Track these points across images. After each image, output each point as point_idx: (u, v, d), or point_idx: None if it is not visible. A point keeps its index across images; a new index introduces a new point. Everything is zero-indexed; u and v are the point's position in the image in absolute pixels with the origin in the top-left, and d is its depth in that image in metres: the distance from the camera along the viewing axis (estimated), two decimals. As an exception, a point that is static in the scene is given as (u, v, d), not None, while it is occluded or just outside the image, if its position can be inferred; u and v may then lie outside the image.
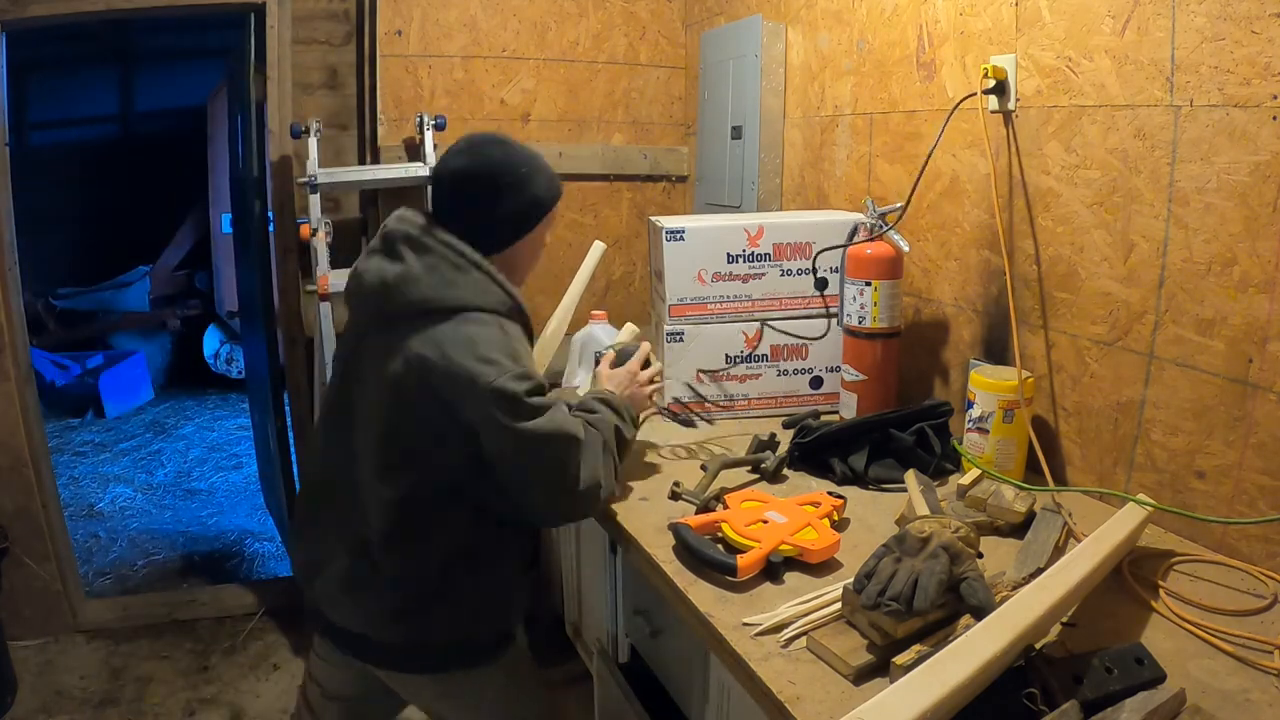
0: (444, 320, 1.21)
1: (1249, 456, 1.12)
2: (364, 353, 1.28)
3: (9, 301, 2.36)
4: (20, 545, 2.45)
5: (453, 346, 1.19)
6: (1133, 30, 1.23)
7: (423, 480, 1.24)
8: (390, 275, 1.24)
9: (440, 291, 1.22)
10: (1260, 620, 0.99)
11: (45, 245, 4.54)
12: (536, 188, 1.31)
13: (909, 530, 0.99)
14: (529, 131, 2.59)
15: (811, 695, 0.88)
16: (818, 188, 2.08)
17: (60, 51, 5.20)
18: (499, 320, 1.24)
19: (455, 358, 1.18)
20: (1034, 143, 1.42)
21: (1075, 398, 1.39)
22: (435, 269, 1.23)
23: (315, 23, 2.44)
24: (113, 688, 2.35)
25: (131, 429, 4.71)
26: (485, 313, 1.23)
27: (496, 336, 1.21)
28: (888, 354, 1.61)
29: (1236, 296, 1.12)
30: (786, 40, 2.14)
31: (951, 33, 1.58)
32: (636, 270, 2.80)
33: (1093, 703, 0.80)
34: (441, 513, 1.25)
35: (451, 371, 1.18)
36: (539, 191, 1.32)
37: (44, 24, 2.32)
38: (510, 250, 1.32)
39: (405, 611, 1.27)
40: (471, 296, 1.23)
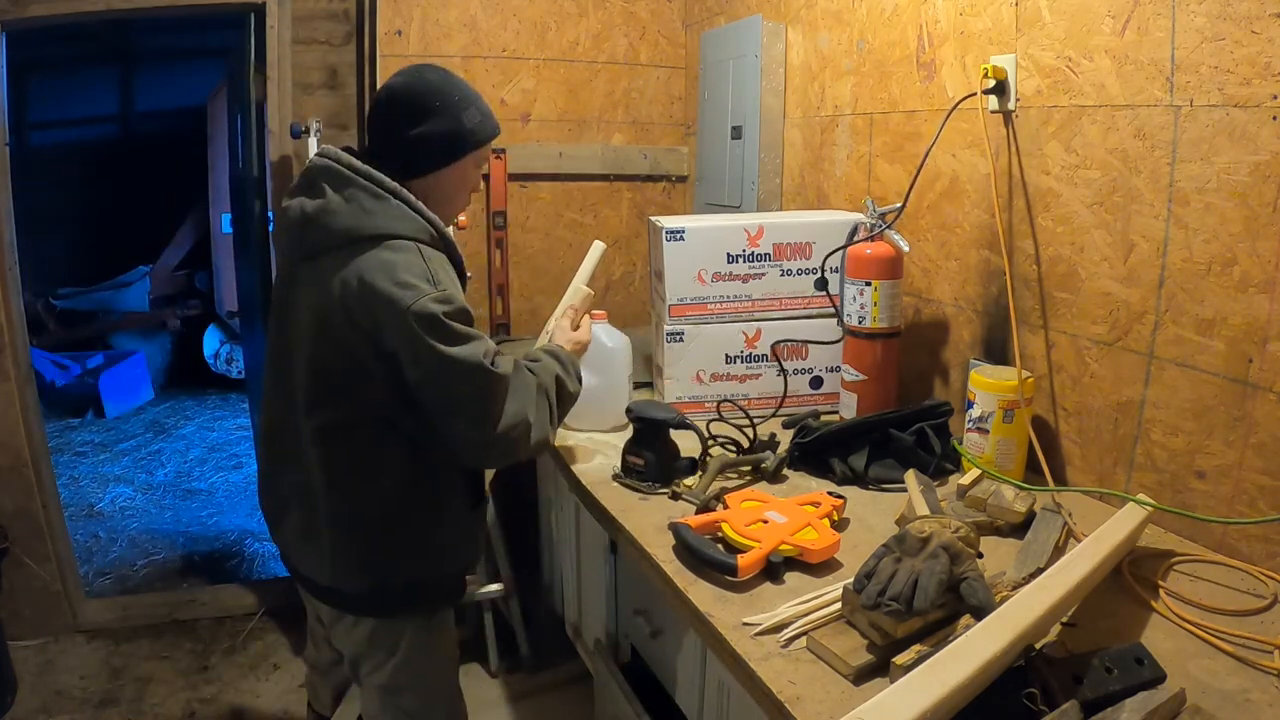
0: (363, 250, 1.21)
1: (1249, 456, 1.12)
2: (294, 292, 1.29)
3: (9, 301, 2.36)
4: (20, 545, 2.45)
5: (371, 273, 1.18)
6: (1133, 30, 1.23)
7: (354, 417, 1.25)
8: (310, 209, 1.24)
9: (358, 220, 1.22)
10: (1260, 620, 0.99)
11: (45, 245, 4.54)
12: (468, 119, 1.31)
13: (909, 530, 1.00)
14: (529, 131, 2.59)
15: (811, 695, 0.88)
16: (818, 188, 2.08)
17: (60, 51, 5.20)
18: (418, 246, 1.23)
19: (374, 284, 1.17)
20: (1034, 143, 1.42)
21: (1075, 398, 1.39)
22: (353, 199, 1.23)
23: (315, 23, 2.44)
24: (113, 688, 2.35)
25: (131, 429, 4.70)
26: (403, 239, 1.23)
27: (415, 262, 1.21)
28: (888, 354, 1.61)
29: (1236, 296, 1.12)
30: (786, 40, 2.14)
31: (951, 33, 1.58)
32: (636, 270, 2.80)
33: (1093, 703, 0.80)
34: (377, 450, 1.26)
35: (370, 298, 1.17)
36: (470, 124, 1.31)
37: (44, 24, 2.32)
38: (433, 178, 1.31)
39: (361, 557, 1.30)
40: (388, 224, 1.23)
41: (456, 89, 1.31)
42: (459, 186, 1.35)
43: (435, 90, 1.29)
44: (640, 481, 1.42)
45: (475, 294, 2.60)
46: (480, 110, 1.33)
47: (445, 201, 1.34)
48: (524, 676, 2.37)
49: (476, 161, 1.35)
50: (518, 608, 2.36)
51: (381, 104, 1.31)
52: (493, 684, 2.34)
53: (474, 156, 1.34)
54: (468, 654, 2.40)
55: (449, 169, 1.32)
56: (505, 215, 2.59)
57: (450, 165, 1.31)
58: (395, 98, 1.29)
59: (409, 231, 1.24)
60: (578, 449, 1.64)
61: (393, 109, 1.29)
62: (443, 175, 1.32)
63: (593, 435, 1.70)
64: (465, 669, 2.39)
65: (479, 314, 2.62)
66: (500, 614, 2.39)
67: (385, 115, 1.30)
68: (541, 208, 2.66)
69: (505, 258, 2.63)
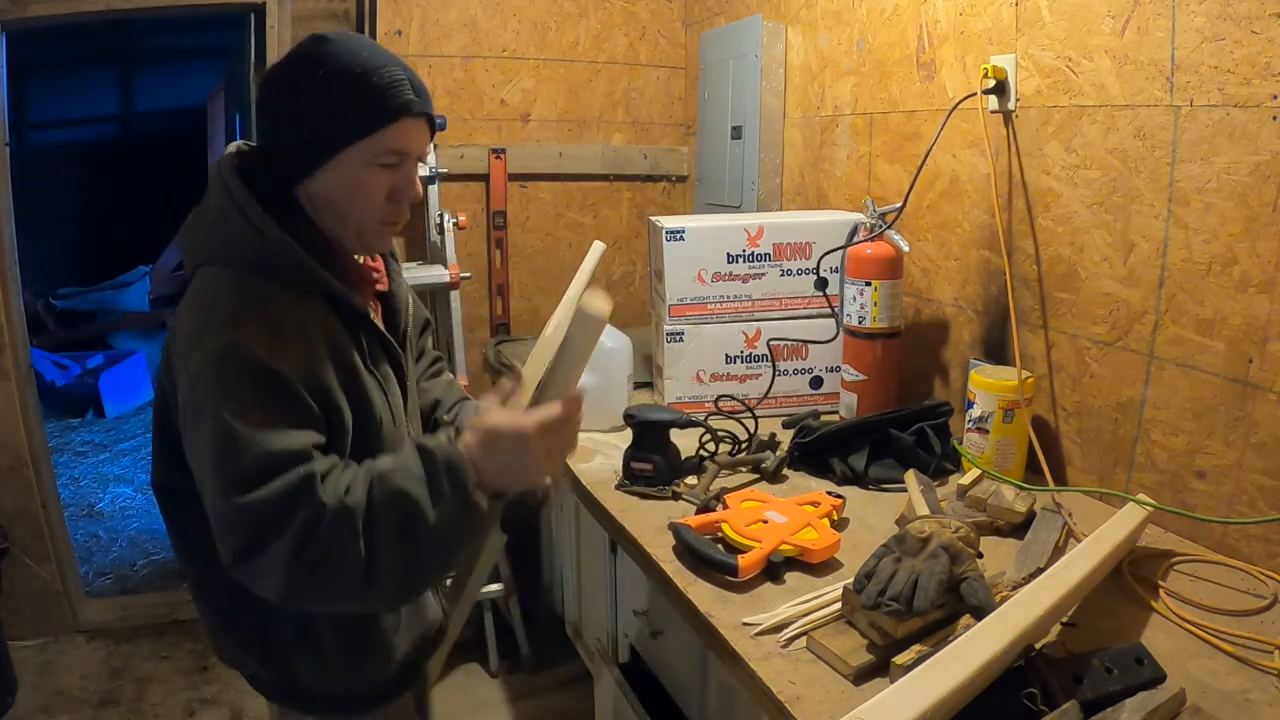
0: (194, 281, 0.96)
1: (1249, 456, 1.12)
2: None
3: (9, 301, 2.36)
4: (20, 545, 2.45)
5: (182, 310, 0.94)
6: (1133, 30, 1.23)
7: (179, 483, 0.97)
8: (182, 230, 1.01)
9: (196, 247, 0.98)
10: (1260, 620, 0.99)
11: (45, 245, 4.54)
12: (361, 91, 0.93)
13: (909, 530, 0.99)
14: (529, 131, 2.59)
15: (811, 695, 0.88)
16: (818, 188, 2.08)
17: (60, 51, 5.20)
18: (239, 276, 0.93)
19: (178, 321, 0.94)
20: (1034, 143, 1.42)
21: (1075, 398, 1.39)
22: (202, 216, 0.98)
23: (315, 23, 2.44)
24: (113, 688, 2.35)
25: (131, 429, 4.70)
26: (226, 268, 0.94)
27: (224, 292, 0.92)
28: (888, 354, 1.61)
29: (1236, 296, 1.12)
30: (786, 40, 2.14)
31: (951, 33, 1.58)
32: (636, 270, 2.80)
33: (1093, 703, 0.80)
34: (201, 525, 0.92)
35: (171, 340, 0.95)
36: (363, 97, 0.93)
37: (44, 24, 2.32)
38: (317, 178, 0.96)
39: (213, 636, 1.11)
40: (218, 250, 0.95)
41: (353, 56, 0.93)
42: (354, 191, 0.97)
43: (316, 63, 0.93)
44: (649, 487, 1.41)
45: (475, 294, 2.60)
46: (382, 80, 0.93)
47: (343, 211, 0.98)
48: (524, 676, 2.37)
49: (377, 152, 0.95)
50: (518, 608, 2.36)
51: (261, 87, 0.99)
52: (493, 684, 2.34)
53: (369, 143, 0.94)
54: (468, 654, 2.40)
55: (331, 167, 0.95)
56: (505, 215, 2.59)
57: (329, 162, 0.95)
58: (269, 81, 0.98)
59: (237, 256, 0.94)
60: (578, 449, 1.64)
61: (265, 96, 0.98)
62: (325, 176, 0.96)
63: (593, 435, 1.70)
64: (465, 669, 2.40)
65: (479, 314, 2.63)
66: (500, 614, 2.40)
67: (260, 101, 0.99)
68: (541, 208, 2.66)
69: (505, 258, 2.63)
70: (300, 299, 0.95)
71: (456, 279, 2.29)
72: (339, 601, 0.91)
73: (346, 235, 1.00)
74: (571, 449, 0.96)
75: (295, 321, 0.93)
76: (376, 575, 0.86)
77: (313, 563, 0.84)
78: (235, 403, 0.86)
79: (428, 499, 0.86)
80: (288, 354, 0.89)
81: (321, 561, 0.85)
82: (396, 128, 0.94)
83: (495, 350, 2.33)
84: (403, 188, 0.99)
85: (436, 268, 2.33)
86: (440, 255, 2.34)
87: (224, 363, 0.86)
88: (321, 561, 0.85)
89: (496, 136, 2.55)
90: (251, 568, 0.86)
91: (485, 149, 2.52)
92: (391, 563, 0.86)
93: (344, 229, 1.00)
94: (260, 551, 0.85)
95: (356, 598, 0.89)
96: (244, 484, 0.84)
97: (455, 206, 2.46)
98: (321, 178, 0.96)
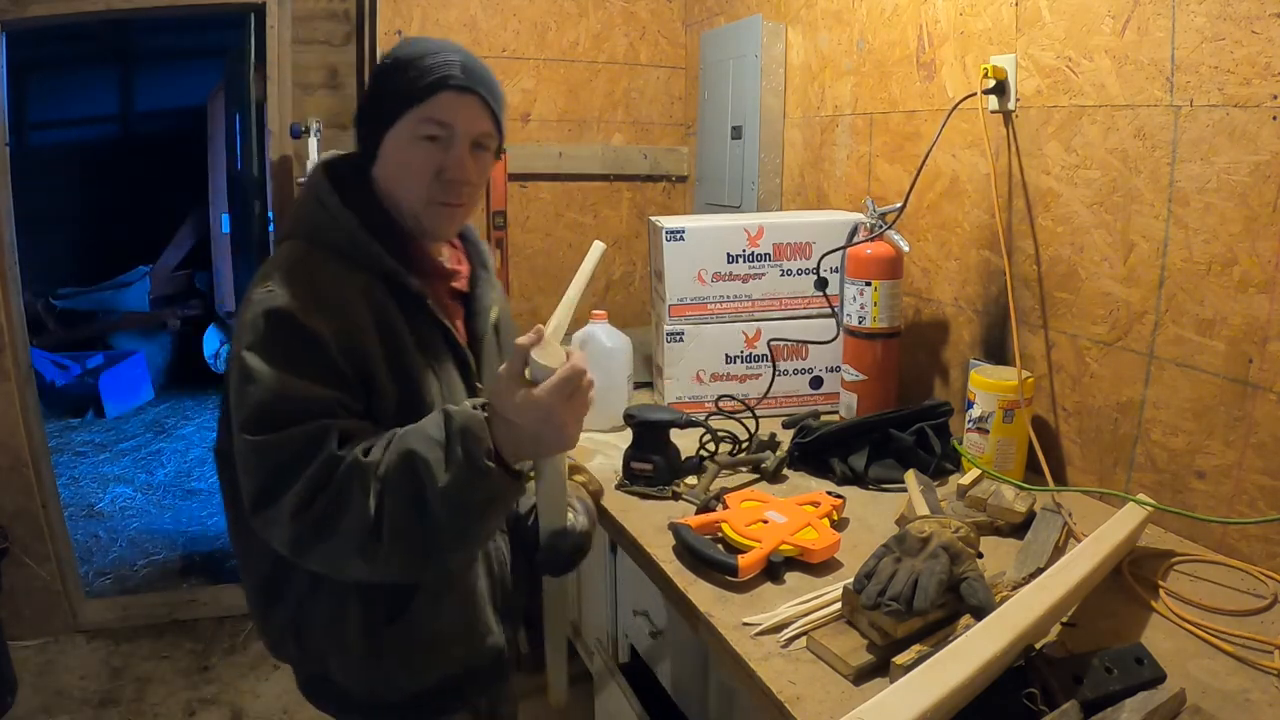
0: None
1: (1249, 456, 1.12)
2: None
3: (9, 301, 2.36)
4: (20, 545, 2.45)
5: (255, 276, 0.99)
6: (1133, 30, 1.23)
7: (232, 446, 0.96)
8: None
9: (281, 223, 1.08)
10: (1260, 620, 0.99)
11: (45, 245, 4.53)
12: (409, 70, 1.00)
13: (909, 530, 1.00)
14: (529, 131, 2.59)
15: (811, 695, 0.88)
16: (818, 188, 2.08)
17: (60, 51, 5.20)
18: (299, 245, 0.99)
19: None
20: (1034, 143, 1.42)
21: (1075, 398, 1.39)
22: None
23: (315, 23, 2.44)
24: (113, 688, 2.35)
25: (131, 429, 4.70)
26: (291, 239, 1.01)
27: (281, 258, 0.98)
28: (888, 354, 1.61)
29: (1236, 296, 1.12)
30: (786, 40, 2.14)
31: (951, 33, 1.58)
32: (636, 270, 2.80)
33: (1093, 703, 0.80)
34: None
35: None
36: (410, 74, 0.99)
37: (44, 24, 2.32)
38: (379, 159, 1.03)
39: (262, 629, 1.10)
40: (290, 225, 1.04)
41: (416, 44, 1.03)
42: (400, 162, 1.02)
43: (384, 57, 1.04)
44: (649, 487, 1.41)
45: (475, 294, 2.60)
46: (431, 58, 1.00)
47: (394, 182, 1.03)
48: (524, 676, 2.37)
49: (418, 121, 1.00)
50: (518, 608, 2.36)
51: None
52: (493, 684, 2.34)
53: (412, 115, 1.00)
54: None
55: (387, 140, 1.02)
56: (505, 215, 2.59)
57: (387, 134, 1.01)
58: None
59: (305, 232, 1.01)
60: (577, 449, 1.64)
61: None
62: (384, 151, 1.03)
63: (592, 435, 1.70)
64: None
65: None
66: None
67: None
68: (541, 208, 2.66)
69: (505, 258, 2.62)
70: (352, 270, 0.98)
71: (456, 279, 2.29)
72: (344, 558, 0.88)
73: (404, 216, 1.04)
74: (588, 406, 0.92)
75: (341, 288, 0.96)
76: (382, 534, 0.85)
77: (322, 514, 0.85)
78: (266, 351, 0.90)
79: (441, 461, 0.85)
80: (325, 316, 0.92)
81: (330, 514, 0.85)
82: (437, 100, 0.99)
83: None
84: (449, 166, 1.01)
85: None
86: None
87: (263, 317, 0.91)
88: (330, 514, 0.85)
89: (496, 136, 2.55)
90: (265, 514, 0.88)
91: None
92: (399, 524, 0.85)
93: (401, 210, 1.03)
94: (274, 495, 0.87)
95: (361, 556, 0.87)
96: (263, 423, 0.87)
97: (455, 206, 2.46)
98: (381, 158, 1.03)
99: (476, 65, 1.02)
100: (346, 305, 0.95)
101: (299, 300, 0.92)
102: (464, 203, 1.06)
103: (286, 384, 0.89)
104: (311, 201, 1.01)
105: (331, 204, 0.99)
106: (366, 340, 0.95)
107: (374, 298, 0.98)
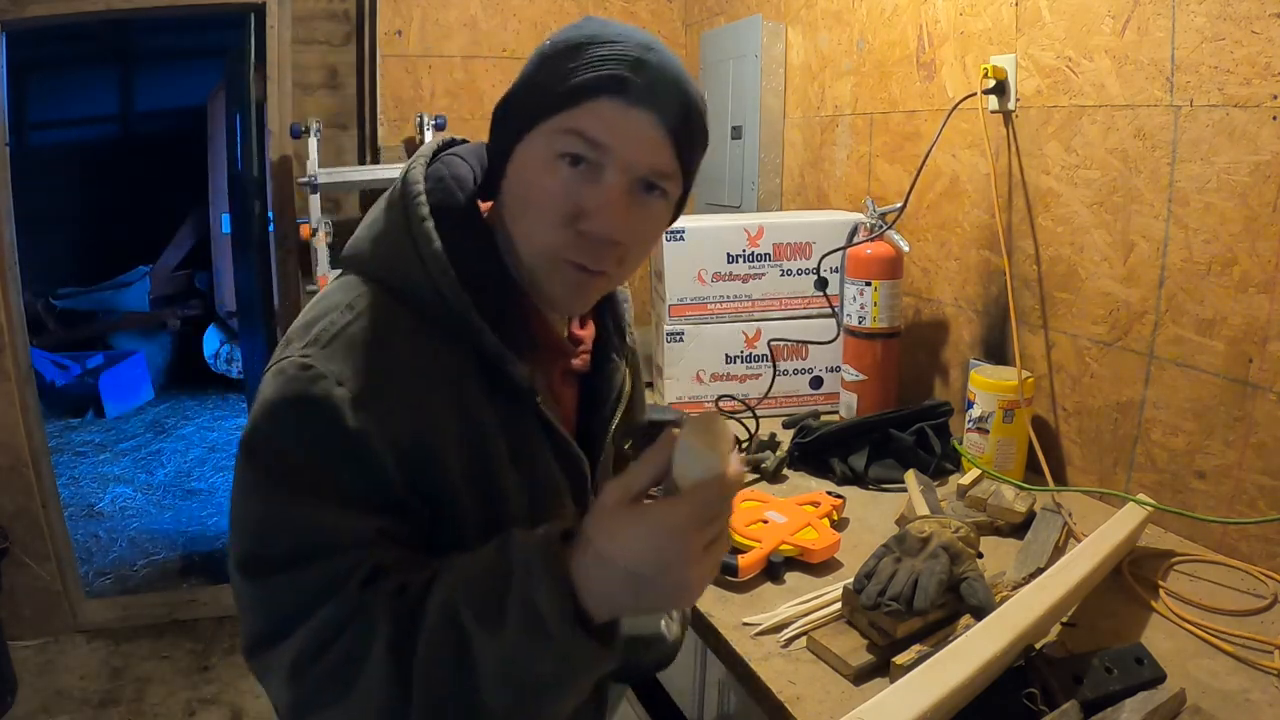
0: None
1: (1249, 456, 1.12)
2: None
3: (9, 301, 2.36)
4: (20, 545, 2.45)
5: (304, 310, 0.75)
6: (1133, 30, 1.23)
7: None
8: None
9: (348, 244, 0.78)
10: (1260, 620, 0.99)
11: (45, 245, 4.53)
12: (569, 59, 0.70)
13: (909, 530, 1.00)
14: (529, 131, 2.59)
15: (811, 695, 0.88)
16: (818, 188, 2.08)
17: (60, 51, 5.20)
18: (369, 290, 0.71)
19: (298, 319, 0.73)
20: (1034, 143, 1.42)
21: (1075, 398, 1.39)
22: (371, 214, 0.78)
23: (315, 23, 2.44)
24: (113, 688, 2.35)
25: (131, 429, 4.71)
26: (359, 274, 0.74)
27: (338, 302, 0.71)
28: (888, 354, 1.61)
29: (1236, 296, 1.12)
30: (786, 40, 2.14)
31: (951, 33, 1.58)
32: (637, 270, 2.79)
33: (1093, 703, 0.80)
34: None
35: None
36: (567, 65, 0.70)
37: (44, 24, 2.32)
38: (505, 180, 0.75)
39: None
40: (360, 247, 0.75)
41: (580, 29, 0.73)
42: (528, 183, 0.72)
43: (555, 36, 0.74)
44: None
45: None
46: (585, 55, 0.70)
47: (518, 209, 0.74)
48: None
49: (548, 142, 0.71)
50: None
51: None
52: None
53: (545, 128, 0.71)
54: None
55: (514, 159, 0.74)
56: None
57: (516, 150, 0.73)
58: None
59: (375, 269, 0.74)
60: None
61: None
62: (510, 172, 0.74)
63: (593, 435, 1.70)
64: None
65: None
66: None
67: None
68: (541, 208, 2.65)
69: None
70: (439, 341, 0.70)
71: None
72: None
73: (521, 268, 0.74)
74: (727, 546, 0.64)
75: (421, 371, 0.68)
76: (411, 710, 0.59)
77: (329, 672, 0.61)
78: (285, 459, 0.64)
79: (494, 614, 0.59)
80: (388, 410, 0.65)
81: (341, 674, 0.61)
82: (593, 106, 0.68)
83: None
84: (590, 206, 0.69)
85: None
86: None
87: (291, 405, 0.65)
88: (341, 674, 0.61)
89: (496, 136, 2.55)
90: (261, 660, 0.65)
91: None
92: (434, 697, 0.59)
93: (519, 258, 0.74)
94: (272, 644, 0.63)
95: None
96: (264, 563, 0.63)
97: (455, 206, 2.46)
98: (508, 177, 0.74)
99: (667, 68, 0.71)
100: (425, 399, 0.68)
101: (352, 383, 0.65)
102: (606, 269, 0.74)
103: (306, 513, 0.63)
104: (397, 232, 0.72)
105: (426, 248, 0.70)
106: (446, 450, 0.68)
107: (466, 390, 0.70)
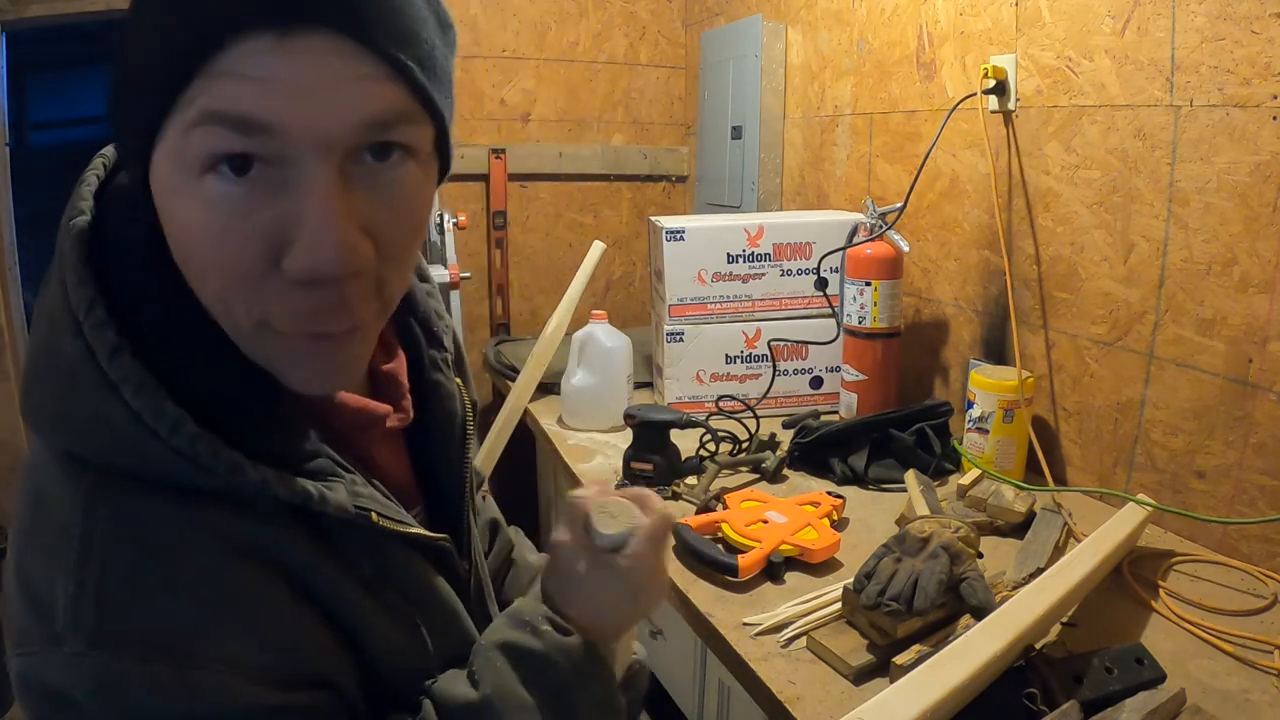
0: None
1: (1249, 456, 1.12)
2: None
3: (9, 301, 2.37)
4: (20, 545, 2.45)
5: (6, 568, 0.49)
6: (1133, 30, 1.23)
7: None
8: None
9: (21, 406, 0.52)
10: (1260, 620, 0.99)
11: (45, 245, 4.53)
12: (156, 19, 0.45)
13: (909, 530, 1.00)
14: (529, 131, 2.59)
15: (811, 695, 0.88)
16: (818, 188, 2.08)
17: (60, 51, 5.20)
18: (97, 489, 0.46)
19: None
20: (1034, 143, 1.42)
21: (1075, 398, 1.39)
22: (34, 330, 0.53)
23: (315, 23, 2.44)
24: (113, 688, 2.35)
25: (131, 429, 4.70)
26: (67, 472, 0.48)
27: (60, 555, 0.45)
28: (888, 354, 1.61)
29: (1236, 296, 1.12)
30: (786, 40, 2.14)
31: (951, 33, 1.58)
32: (636, 270, 2.80)
33: (1093, 703, 0.80)
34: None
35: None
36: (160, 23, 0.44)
37: (44, 24, 2.33)
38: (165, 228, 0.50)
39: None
40: (48, 420, 0.50)
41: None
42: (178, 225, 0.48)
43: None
44: (649, 487, 1.41)
45: (475, 294, 2.60)
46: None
47: (189, 274, 0.49)
48: None
49: (179, 137, 0.45)
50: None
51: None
52: (493, 684, 2.34)
53: (168, 132, 0.46)
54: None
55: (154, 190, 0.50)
56: (505, 215, 2.59)
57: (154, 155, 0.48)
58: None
59: (87, 447, 0.48)
60: (577, 449, 1.64)
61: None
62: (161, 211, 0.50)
63: (593, 435, 1.71)
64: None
65: (479, 314, 2.63)
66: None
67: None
68: (541, 208, 2.66)
69: (505, 258, 2.63)
70: (222, 522, 0.47)
71: (456, 279, 2.29)
72: None
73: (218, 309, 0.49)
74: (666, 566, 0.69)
75: (212, 577, 0.46)
76: None
77: None
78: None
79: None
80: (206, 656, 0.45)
81: None
82: (230, 61, 0.42)
83: (495, 350, 2.32)
84: (294, 232, 0.45)
85: (436, 268, 2.33)
86: (440, 255, 2.34)
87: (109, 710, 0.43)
88: None
89: (496, 136, 2.55)
90: None
91: (485, 149, 2.52)
92: None
93: (205, 289, 0.49)
94: None
95: None
96: None
97: (455, 206, 2.46)
98: (162, 218, 0.49)
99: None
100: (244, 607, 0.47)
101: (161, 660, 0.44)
102: (358, 321, 0.50)
103: None
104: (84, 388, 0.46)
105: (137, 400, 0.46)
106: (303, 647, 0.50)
107: (276, 553, 0.49)
